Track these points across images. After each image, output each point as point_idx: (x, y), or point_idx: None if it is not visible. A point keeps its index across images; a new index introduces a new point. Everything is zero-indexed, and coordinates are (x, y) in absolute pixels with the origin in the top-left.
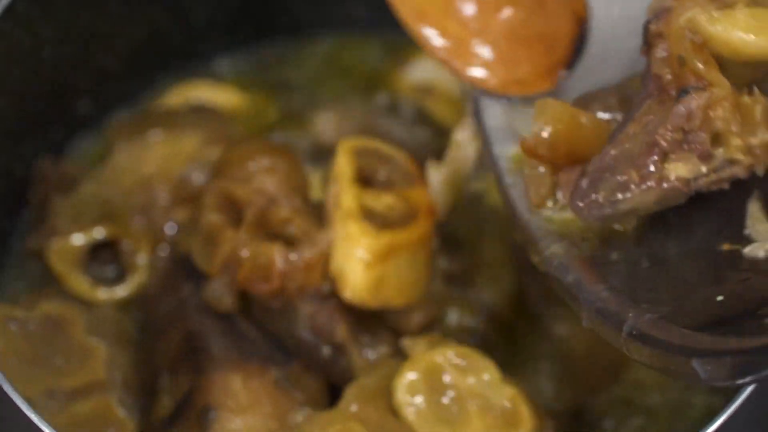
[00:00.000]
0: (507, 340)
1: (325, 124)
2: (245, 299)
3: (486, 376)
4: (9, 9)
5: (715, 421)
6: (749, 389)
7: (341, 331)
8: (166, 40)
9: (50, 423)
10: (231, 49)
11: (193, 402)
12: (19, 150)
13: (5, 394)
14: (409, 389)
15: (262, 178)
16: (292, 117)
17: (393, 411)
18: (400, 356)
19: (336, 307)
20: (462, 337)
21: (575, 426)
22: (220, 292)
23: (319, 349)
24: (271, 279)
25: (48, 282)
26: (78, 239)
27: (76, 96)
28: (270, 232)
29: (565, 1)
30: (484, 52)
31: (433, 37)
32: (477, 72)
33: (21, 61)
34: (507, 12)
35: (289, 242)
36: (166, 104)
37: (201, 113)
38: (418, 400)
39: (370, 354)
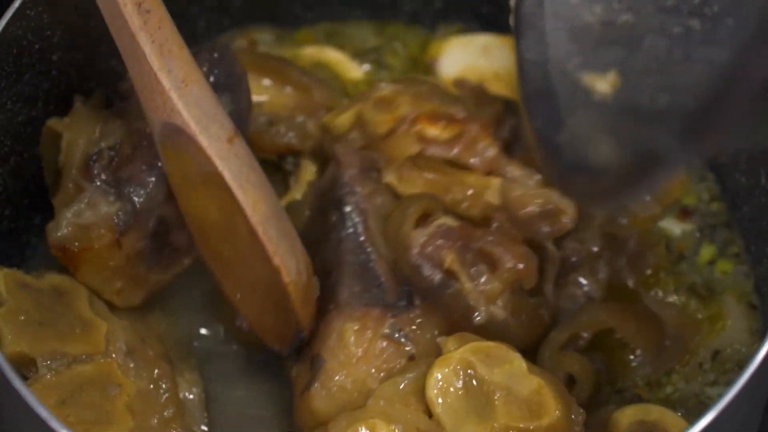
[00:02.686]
0: None
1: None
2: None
3: (512, 368)
4: (19, 14)
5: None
6: (747, 376)
7: (449, 259)
8: None
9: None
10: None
11: (310, 345)
12: (30, 151)
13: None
14: (439, 386)
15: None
16: None
17: (425, 409)
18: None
19: (445, 239)
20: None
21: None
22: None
23: (432, 276)
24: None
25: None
26: None
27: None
28: None
29: (289, 313)
30: (248, 311)
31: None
32: (242, 322)
33: (31, 64)
34: (260, 292)
35: None
36: None
37: None
38: (447, 395)
39: (480, 284)
